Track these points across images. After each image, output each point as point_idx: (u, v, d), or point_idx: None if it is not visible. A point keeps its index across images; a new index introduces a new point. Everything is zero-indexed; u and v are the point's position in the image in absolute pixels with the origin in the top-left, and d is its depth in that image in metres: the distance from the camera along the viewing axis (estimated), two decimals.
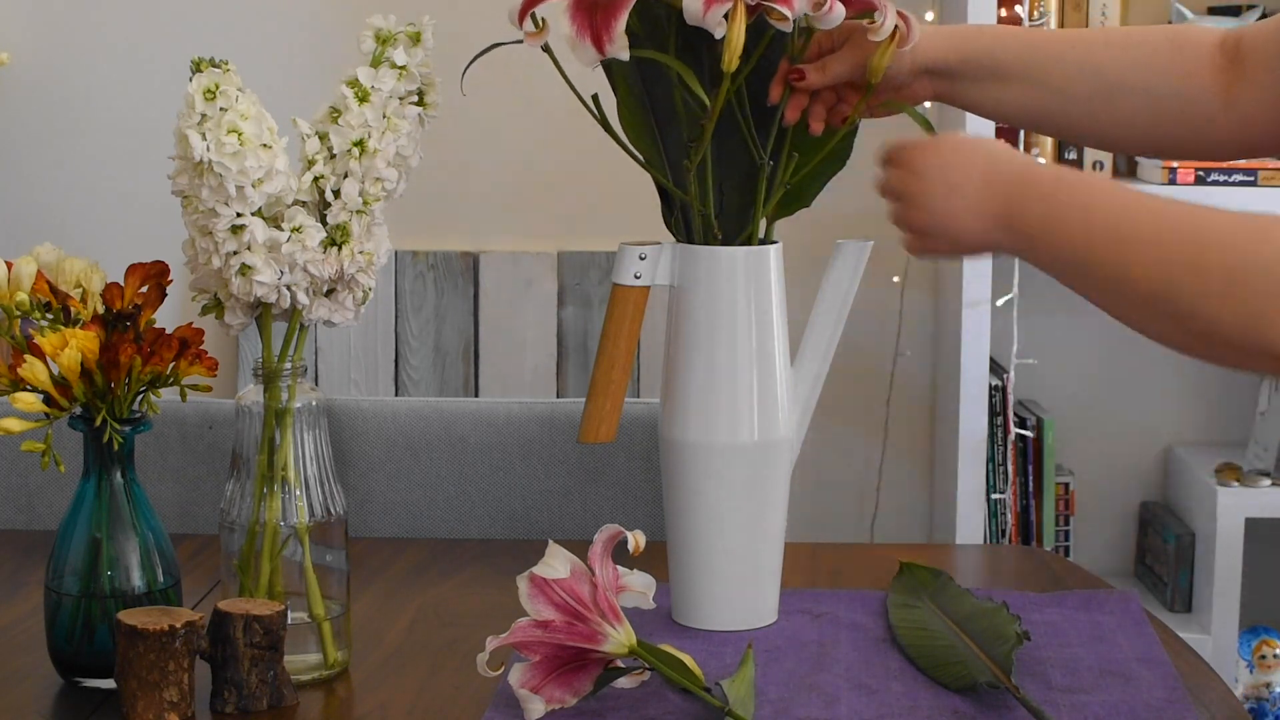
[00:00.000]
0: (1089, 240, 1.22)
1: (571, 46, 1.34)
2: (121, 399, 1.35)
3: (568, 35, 1.34)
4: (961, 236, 1.30)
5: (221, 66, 1.34)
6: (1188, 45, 1.44)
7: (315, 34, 2.96)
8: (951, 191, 1.30)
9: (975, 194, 1.29)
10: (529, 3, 1.36)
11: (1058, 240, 1.24)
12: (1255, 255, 1.14)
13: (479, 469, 1.83)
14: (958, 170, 1.30)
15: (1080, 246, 1.23)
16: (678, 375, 1.47)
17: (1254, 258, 1.14)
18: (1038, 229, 1.25)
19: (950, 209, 1.30)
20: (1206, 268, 1.15)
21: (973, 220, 1.29)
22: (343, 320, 1.40)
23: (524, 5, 1.36)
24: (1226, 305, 1.14)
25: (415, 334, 2.94)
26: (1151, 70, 1.43)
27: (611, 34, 1.33)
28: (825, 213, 1.82)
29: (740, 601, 1.49)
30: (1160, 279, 1.18)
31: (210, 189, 1.33)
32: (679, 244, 1.46)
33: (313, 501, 1.39)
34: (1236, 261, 1.14)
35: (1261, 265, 1.13)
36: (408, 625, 1.52)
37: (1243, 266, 1.14)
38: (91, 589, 1.36)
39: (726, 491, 1.46)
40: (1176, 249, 1.17)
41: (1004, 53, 1.45)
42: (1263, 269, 1.13)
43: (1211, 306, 1.15)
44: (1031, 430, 2.79)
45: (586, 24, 1.34)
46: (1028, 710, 1.29)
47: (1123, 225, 1.21)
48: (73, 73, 3.00)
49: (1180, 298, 1.17)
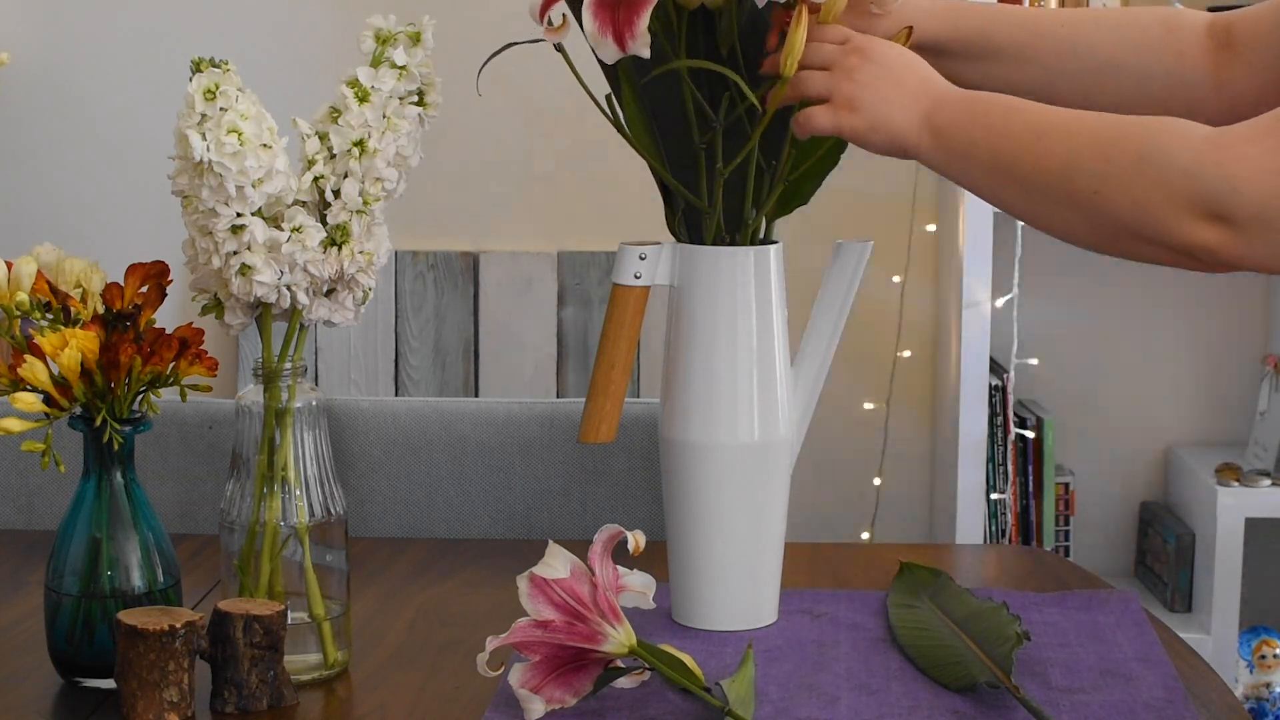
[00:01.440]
0: (1008, 134, 1.27)
1: (593, 43, 1.35)
2: (121, 399, 1.35)
3: (590, 32, 1.34)
4: (886, 122, 1.34)
5: (221, 66, 1.34)
6: (1179, 27, 1.46)
7: (315, 34, 2.96)
8: (897, 82, 1.34)
9: (912, 89, 1.34)
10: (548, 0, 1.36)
11: (976, 137, 1.29)
12: (1156, 143, 1.19)
13: (479, 469, 1.83)
14: (906, 68, 1.35)
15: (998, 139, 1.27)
16: (678, 375, 1.47)
17: (1155, 146, 1.19)
18: (958, 127, 1.30)
19: (887, 94, 1.34)
20: (1113, 156, 1.20)
21: (900, 111, 1.34)
22: (343, 320, 1.40)
23: (544, 1, 1.36)
24: (1128, 191, 1.20)
25: (415, 334, 2.94)
26: (1144, 50, 1.45)
27: (634, 30, 1.34)
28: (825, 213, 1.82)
29: (740, 601, 1.49)
30: (1070, 166, 1.23)
31: (210, 189, 1.33)
32: (679, 244, 1.46)
33: (313, 501, 1.39)
34: (1139, 149, 1.20)
35: (1163, 154, 1.19)
36: (408, 625, 1.52)
37: (1146, 155, 1.19)
38: (91, 589, 1.36)
39: (726, 491, 1.46)
40: (1087, 137, 1.23)
41: (996, 31, 1.47)
42: (1164, 158, 1.18)
43: (1113, 191, 1.20)
44: (1031, 430, 2.79)
45: (609, 20, 1.34)
46: (1028, 710, 1.29)
47: (1041, 120, 1.27)
48: (73, 73, 3.00)
49: (1087, 183, 1.22)
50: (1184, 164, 1.18)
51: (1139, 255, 1.23)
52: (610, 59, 1.36)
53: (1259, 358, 2.98)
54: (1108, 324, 3.00)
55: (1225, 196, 1.16)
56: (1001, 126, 1.28)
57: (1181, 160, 1.18)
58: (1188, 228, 1.18)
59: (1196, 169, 1.17)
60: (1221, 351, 3.00)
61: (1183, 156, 1.18)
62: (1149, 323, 2.99)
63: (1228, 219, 1.17)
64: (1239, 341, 3.00)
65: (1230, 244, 1.17)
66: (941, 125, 1.32)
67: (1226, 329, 2.99)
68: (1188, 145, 1.18)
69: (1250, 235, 1.17)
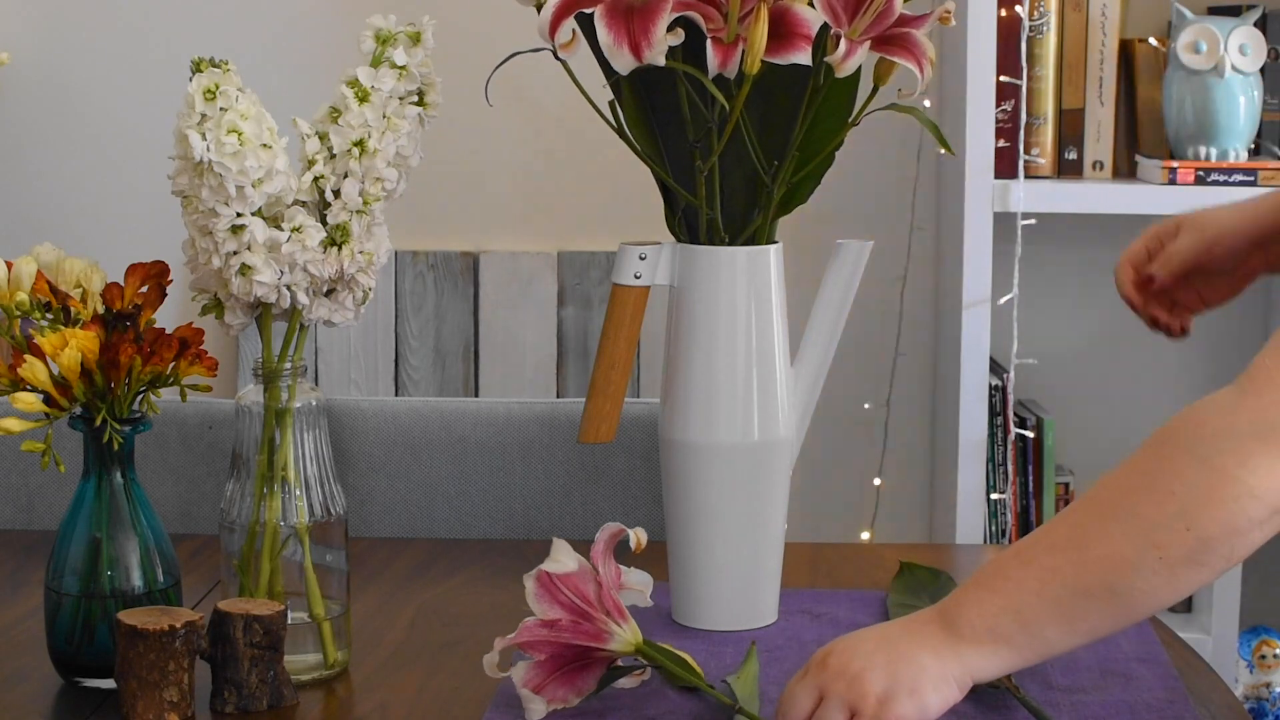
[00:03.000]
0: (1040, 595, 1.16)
1: (608, 54, 1.34)
2: (121, 399, 1.35)
3: (605, 43, 1.34)
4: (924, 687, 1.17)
5: (221, 66, 1.34)
6: None
7: (315, 34, 2.96)
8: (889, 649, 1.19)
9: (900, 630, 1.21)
10: (559, 15, 1.36)
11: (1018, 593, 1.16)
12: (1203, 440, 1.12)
13: (479, 469, 1.83)
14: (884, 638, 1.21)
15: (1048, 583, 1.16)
16: (678, 375, 1.47)
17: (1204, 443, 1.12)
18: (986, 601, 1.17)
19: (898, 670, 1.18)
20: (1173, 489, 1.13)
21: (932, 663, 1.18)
22: (343, 320, 1.40)
23: (554, 18, 1.36)
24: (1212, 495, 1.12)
25: (415, 334, 2.94)
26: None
27: (651, 39, 1.34)
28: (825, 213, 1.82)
29: (740, 601, 1.49)
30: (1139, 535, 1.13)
31: (210, 189, 1.33)
32: (679, 244, 1.46)
33: (313, 501, 1.39)
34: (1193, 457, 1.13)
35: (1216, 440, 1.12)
36: (408, 625, 1.52)
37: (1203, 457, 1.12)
38: (91, 589, 1.36)
39: (726, 491, 1.46)
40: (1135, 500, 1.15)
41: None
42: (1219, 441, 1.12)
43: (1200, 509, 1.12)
44: (1031, 430, 2.79)
45: (624, 30, 1.34)
46: (1028, 710, 1.29)
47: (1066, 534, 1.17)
48: (73, 73, 3.00)
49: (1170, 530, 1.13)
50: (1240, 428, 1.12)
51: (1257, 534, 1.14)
52: (626, 69, 1.35)
53: None
54: (1108, 324, 3.00)
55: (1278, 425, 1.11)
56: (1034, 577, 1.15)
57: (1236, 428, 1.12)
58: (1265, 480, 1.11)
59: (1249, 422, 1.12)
60: (1221, 352, 3.00)
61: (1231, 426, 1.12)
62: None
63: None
64: (1239, 342, 3.00)
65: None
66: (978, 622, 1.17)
67: (1227, 329, 2.99)
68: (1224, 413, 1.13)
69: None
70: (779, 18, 1.36)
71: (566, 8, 1.36)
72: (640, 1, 1.35)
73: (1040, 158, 2.72)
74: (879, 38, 1.38)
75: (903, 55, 1.38)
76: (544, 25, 1.36)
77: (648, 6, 1.34)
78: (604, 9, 1.34)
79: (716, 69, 1.35)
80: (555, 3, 1.35)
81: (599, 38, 1.35)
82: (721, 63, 1.35)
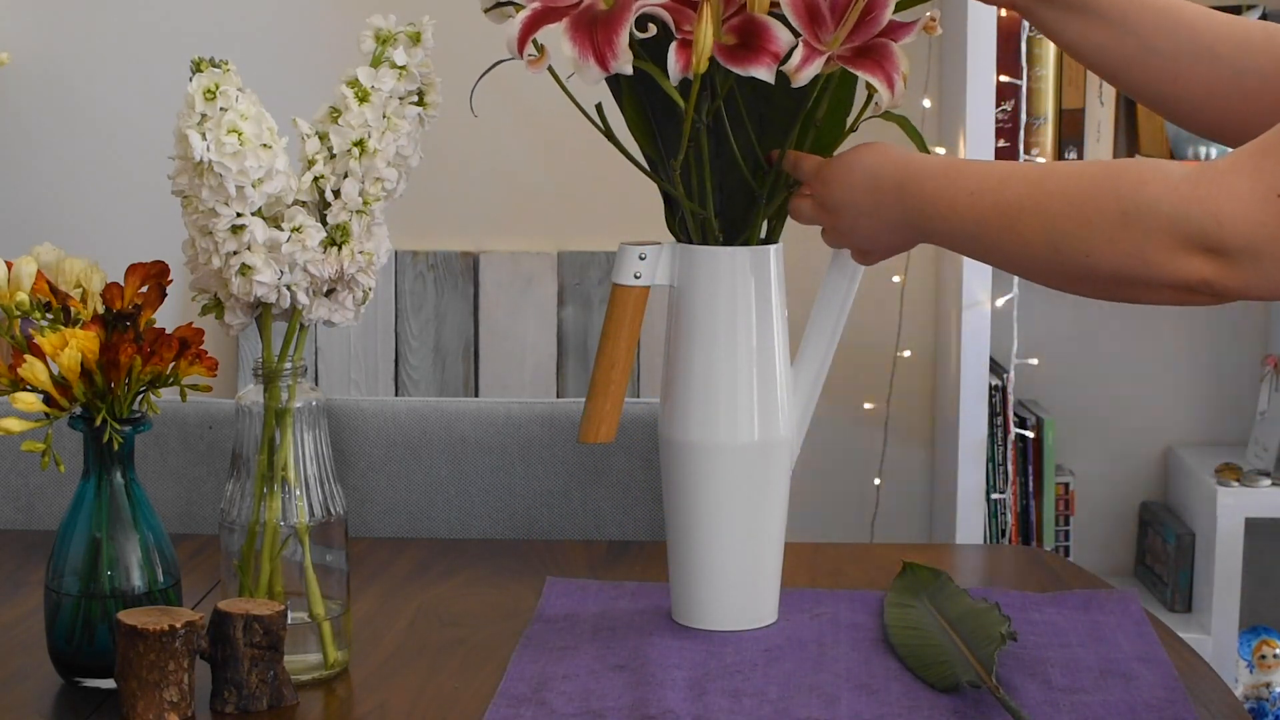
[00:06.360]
0: (980, 221, 1.30)
1: (575, 68, 1.34)
2: (121, 399, 1.35)
3: (571, 57, 1.34)
4: (885, 248, 1.43)
5: (221, 66, 1.34)
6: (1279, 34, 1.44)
7: (315, 34, 2.96)
8: (860, 216, 1.40)
9: (875, 211, 1.39)
10: (525, 31, 1.35)
11: (954, 227, 1.32)
12: (1135, 195, 1.20)
13: (479, 469, 1.83)
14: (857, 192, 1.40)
15: (974, 228, 1.30)
16: (678, 375, 1.47)
17: (1135, 198, 1.20)
18: (935, 223, 1.34)
19: (864, 230, 1.41)
20: (1094, 219, 1.22)
21: (886, 233, 1.40)
22: (343, 320, 1.40)
23: (521, 34, 1.35)
24: (1118, 247, 1.21)
25: (415, 334, 2.94)
26: (1244, 47, 1.44)
27: (615, 49, 1.33)
28: None
29: (740, 601, 1.49)
30: (1051, 240, 1.25)
31: (210, 189, 1.33)
32: (679, 244, 1.47)
33: (313, 501, 1.39)
34: (1118, 206, 1.21)
35: (1145, 204, 1.19)
36: (408, 625, 1.52)
37: (1127, 209, 1.20)
38: (91, 589, 1.36)
39: (726, 491, 1.46)
40: (1062, 204, 1.24)
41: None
42: (1147, 207, 1.19)
43: (1103, 251, 1.22)
44: (1031, 430, 2.79)
45: (588, 43, 1.34)
46: (1007, 710, 1.29)
47: (1007, 200, 1.28)
48: (73, 73, 3.00)
49: (1073, 252, 1.24)
50: (1168, 209, 1.18)
51: (1143, 299, 1.24)
52: (593, 81, 1.35)
53: (1259, 358, 2.98)
54: (1108, 324, 3.00)
55: (1213, 231, 1.16)
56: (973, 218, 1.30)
57: (1164, 205, 1.18)
58: (1183, 267, 1.18)
59: (1181, 210, 1.18)
60: (1221, 351, 3.00)
61: (1165, 201, 1.18)
62: (1149, 323, 2.99)
63: (1219, 252, 1.17)
64: (1239, 341, 3.00)
65: (1226, 276, 1.18)
66: (920, 226, 1.36)
67: (1226, 329, 2.99)
68: (1168, 188, 1.19)
69: (1243, 265, 1.17)
70: (752, 29, 1.36)
71: (532, 24, 1.35)
72: (603, 12, 1.34)
73: (1040, 158, 2.72)
74: (859, 48, 1.38)
75: (872, 70, 1.38)
76: (511, 42, 1.36)
77: (610, 17, 1.34)
78: (568, 23, 1.34)
79: (679, 73, 1.35)
80: (520, 20, 1.35)
81: (564, 53, 1.34)
82: (684, 66, 1.35)
